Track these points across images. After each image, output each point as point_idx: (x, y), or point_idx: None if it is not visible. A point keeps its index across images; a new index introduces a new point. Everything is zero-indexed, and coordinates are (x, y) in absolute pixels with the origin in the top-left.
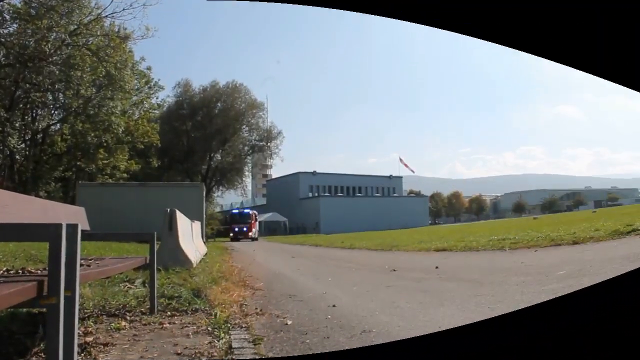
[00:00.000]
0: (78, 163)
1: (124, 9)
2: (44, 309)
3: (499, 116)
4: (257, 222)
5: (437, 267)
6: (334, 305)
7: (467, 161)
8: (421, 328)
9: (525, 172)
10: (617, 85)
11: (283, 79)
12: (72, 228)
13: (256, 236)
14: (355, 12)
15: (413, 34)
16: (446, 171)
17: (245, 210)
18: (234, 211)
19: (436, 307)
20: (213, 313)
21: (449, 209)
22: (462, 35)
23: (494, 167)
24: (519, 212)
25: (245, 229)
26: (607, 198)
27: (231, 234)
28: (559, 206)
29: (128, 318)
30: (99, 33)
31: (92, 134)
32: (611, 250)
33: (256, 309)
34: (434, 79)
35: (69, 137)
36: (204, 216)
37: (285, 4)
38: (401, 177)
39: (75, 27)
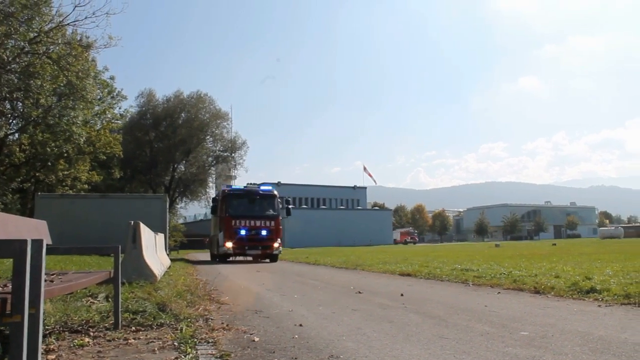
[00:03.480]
0: (37, 174)
1: (86, 17)
2: (2, 327)
3: (461, 107)
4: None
5: (402, 295)
6: (300, 325)
7: (430, 167)
8: None
9: (488, 179)
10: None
11: (248, 88)
12: (37, 244)
13: (280, 250)
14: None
15: (376, 31)
16: (410, 180)
17: (264, 188)
18: (233, 188)
19: (402, 342)
20: (179, 327)
21: (412, 225)
22: (423, 19)
23: (457, 174)
24: (481, 235)
25: (265, 233)
26: (566, 223)
27: (226, 246)
28: (520, 229)
29: (91, 334)
30: (60, 41)
31: (52, 144)
32: (571, 317)
33: (222, 323)
34: (397, 77)
35: (27, 147)
36: (167, 228)
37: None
38: (365, 188)
39: (36, 34)
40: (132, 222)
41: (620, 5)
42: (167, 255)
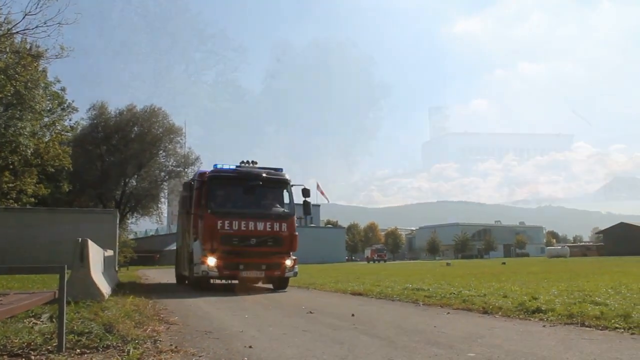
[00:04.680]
0: None
1: (37, 26)
2: None
3: (414, 127)
4: None
5: (353, 315)
6: (250, 347)
7: (383, 186)
8: None
9: (440, 199)
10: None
11: (202, 102)
12: None
13: (296, 271)
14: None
15: (331, 56)
16: (363, 198)
17: (270, 170)
18: (219, 168)
19: None
20: (126, 350)
21: (365, 243)
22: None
23: (410, 193)
24: (433, 253)
25: (272, 243)
26: (515, 242)
27: (206, 263)
28: (470, 248)
29: (33, 357)
30: (8, 50)
31: None
32: (517, 338)
33: (171, 345)
34: (351, 98)
35: None
36: (117, 244)
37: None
38: (319, 206)
39: None
40: (80, 239)
41: (560, 36)
42: (116, 272)
